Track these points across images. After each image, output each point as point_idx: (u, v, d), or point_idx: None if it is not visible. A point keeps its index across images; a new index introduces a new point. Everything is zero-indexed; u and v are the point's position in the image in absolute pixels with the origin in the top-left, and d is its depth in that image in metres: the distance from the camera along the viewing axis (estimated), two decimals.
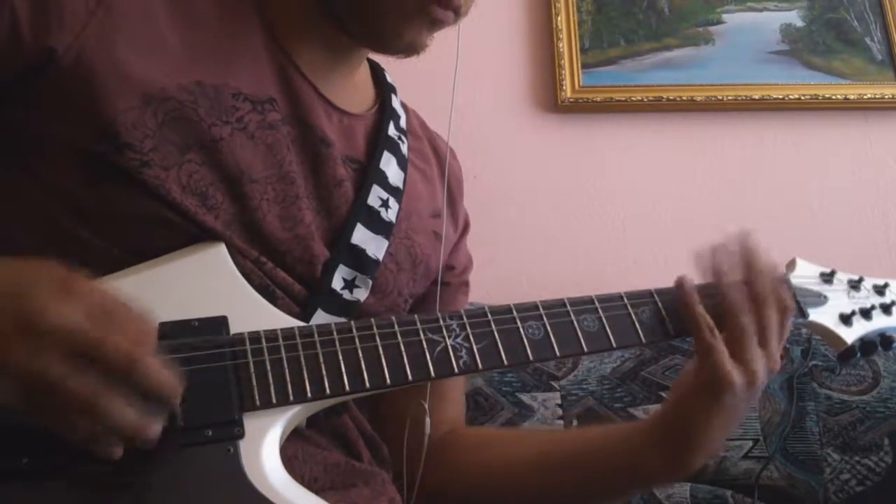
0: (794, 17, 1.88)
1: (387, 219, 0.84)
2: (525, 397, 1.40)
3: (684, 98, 1.78)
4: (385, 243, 0.83)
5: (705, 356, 0.77)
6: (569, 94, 1.75)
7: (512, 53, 1.81)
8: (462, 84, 1.70)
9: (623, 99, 1.77)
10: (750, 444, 1.39)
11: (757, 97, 1.78)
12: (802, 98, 1.79)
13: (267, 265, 0.74)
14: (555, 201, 1.73)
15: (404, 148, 0.91)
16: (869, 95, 1.80)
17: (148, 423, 0.56)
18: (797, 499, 1.36)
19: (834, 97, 1.80)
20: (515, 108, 1.78)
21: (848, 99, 1.80)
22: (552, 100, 1.77)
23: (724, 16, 1.87)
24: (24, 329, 0.53)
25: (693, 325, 0.79)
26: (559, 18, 1.80)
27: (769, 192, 1.77)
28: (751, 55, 1.83)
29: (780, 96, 1.79)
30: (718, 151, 1.79)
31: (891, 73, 1.83)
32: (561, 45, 1.78)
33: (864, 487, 1.35)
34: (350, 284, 0.80)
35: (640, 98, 1.77)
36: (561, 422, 1.39)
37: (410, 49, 0.83)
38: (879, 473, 1.36)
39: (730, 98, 1.78)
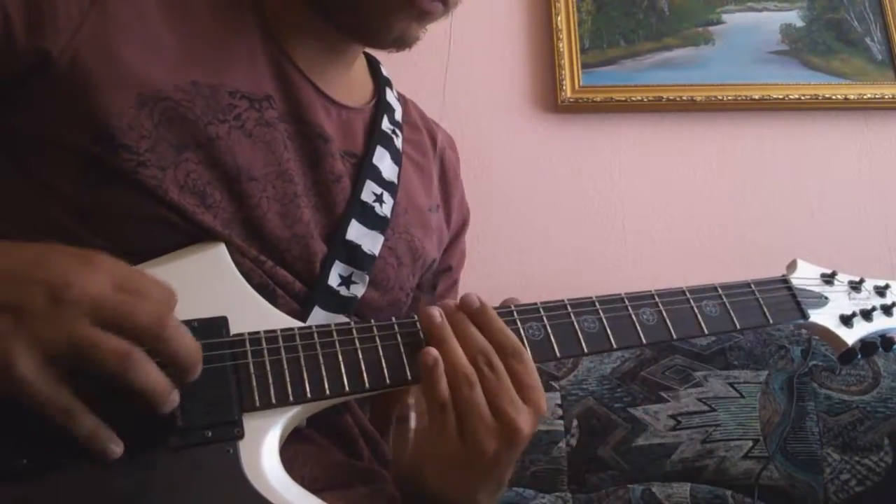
0: (794, 17, 1.88)
1: (381, 214, 0.84)
2: None
3: (684, 98, 1.78)
4: (381, 238, 0.83)
5: (431, 429, 0.69)
6: (569, 94, 1.75)
7: (512, 53, 1.81)
8: (462, 84, 1.71)
9: (623, 99, 1.77)
10: (750, 444, 1.39)
11: (757, 97, 1.78)
12: (802, 98, 1.79)
13: (266, 264, 0.74)
14: (555, 201, 1.73)
15: (398, 142, 0.91)
16: (869, 95, 1.80)
17: (171, 388, 0.57)
18: (797, 499, 1.36)
19: (834, 97, 1.80)
20: (515, 108, 1.78)
21: (848, 99, 1.80)
22: (552, 100, 1.77)
23: (724, 16, 1.87)
24: (52, 300, 0.54)
25: (426, 398, 0.70)
26: (559, 18, 1.80)
27: (769, 192, 1.77)
28: (751, 55, 1.83)
29: (780, 96, 1.79)
30: (718, 151, 1.79)
31: (891, 73, 1.83)
32: (561, 45, 1.78)
33: (864, 487, 1.35)
34: (347, 281, 0.80)
35: (640, 98, 1.77)
36: (561, 422, 1.39)
37: (400, 42, 0.83)
38: (879, 473, 1.36)
39: (730, 98, 1.78)
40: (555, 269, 1.68)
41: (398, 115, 0.94)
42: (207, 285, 0.69)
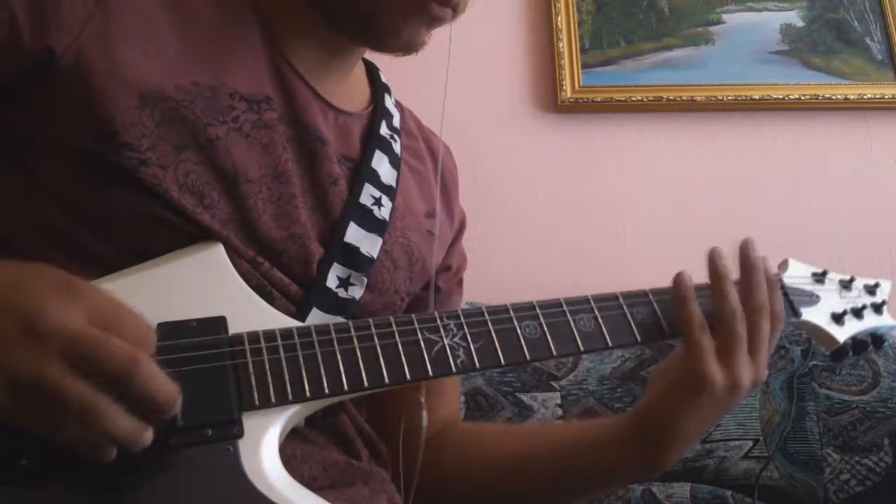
0: (794, 17, 1.88)
1: (380, 217, 0.84)
2: (525, 397, 1.40)
3: (684, 98, 1.78)
4: (379, 241, 0.83)
5: (691, 353, 0.77)
6: (569, 94, 1.75)
7: (512, 53, 1.81)
8: (462, 84, 1.71)
9: (623, 99, 1.77)
10: (750, 444, 1.39)
11: (757, 97, 1.78)
12: (802, 98, 1.79)
13: (263, 265, 0.74)
14: (555, 201, 1.73)
15: (397, 147, 0.91)
16: (869, 95, 1.80)
17: (141, 431, 0.56)
18: (797, 499, 1.36)
19: (834, 97, 1.80)
20: (515, 108, 1.78)
21: (848, 99, 1.80)
22: (552, 100, 1.77)
23: (724, 16, 1.87)
24: (24, 330, 0.52)
25: (684, 321, 0.79)
26: (559, 18, 1.80)
27: (769, 192, 1.77)
28: (751, 55, 1.83)
29: (780, 96, 1.79)
30: (718, 151, 1.79)
31: (891, 73, 1.84)
32: (561, 45, 1.78)
33: (864, 487, 1.36)
34: (345, 283, 0.80)
35: (640, 98, 1.77)
36: (561, 422, 1.39)
37: (409, 47, 0.83)
38: (879, 473, 1.36)
39: (730, 98, 1.78)
40: (555, 269, 1.68)
41: (396, 122, 0.94)
42: (205, 285, 0.69)
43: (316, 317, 0.77)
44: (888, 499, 1.34)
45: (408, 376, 0.70)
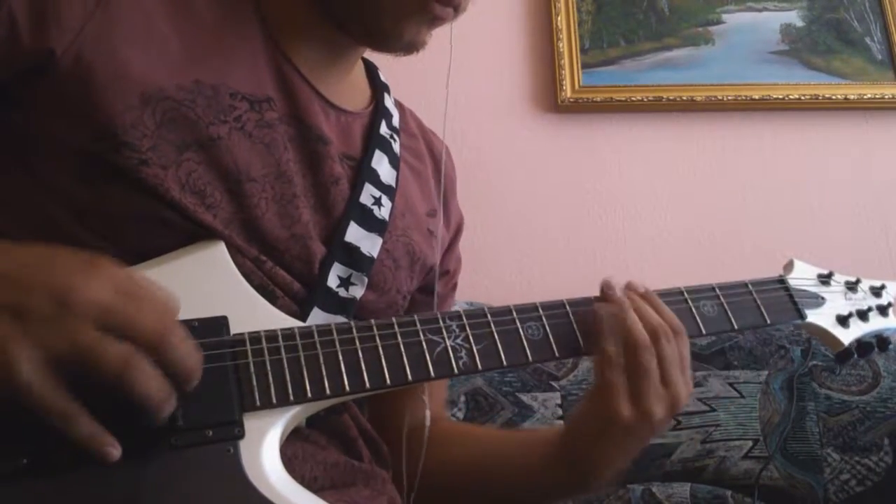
0: (794, 17, 1.88)
1: (380, 216, 0.84)
2: (525, 397, 1.40)
3: (684, 98, 1.78)
4: (379, 241, 0.84)
5: (602, 391, 0.77)
6: (569, 94, 1.75)
7: (512, 53, 1.81)
8: (462, 84, 1.71)
9: (623, 99, 1.77)
10: (750, 444, 1.39)
11: (757, 97, 1.78)
12: (802, 98, 1.79)
13: (266, 264, 0.75)
14: (554, 201, 1.73)
15: (396, 146, 0.91)
16: (869, 95, 1.80)
17: (171, 394, 0.57)
18: (797, 499, 1.36)
19: (834, 97, 1.80)
20: (515, 108, 1.78)
21: (848, 99, 1.80)
22: (552, 100, 1.77)
23: (724, 16, 1.87)
24: (56, 305, 0.54)
25: (596, 360, 0.78)
26: (559, 18, 1.80)
27: (769, 192, 1.77)
28: (751, 55, 1.83)
29: (780, 96, 1.79)
30: (718, 151, 1.79)
31: (891, 73, 1.84)
32: (561, 45, 1.78)
33: (864, 487, 1.35)
34: (345, 282, 0.80)
35: (640, 98, 1.77)
36: (561, 422, 1.39)
37: (410, 47, 0.83)
38: (879, 473, 1.36)
39: (730, 98, 1.78)
40: (554, 268, 1.68)
41: (395, 121, 0.94)
42: (207, 285, 0.69)
43: (317, 316, 0.77)
44: (888, 499, 1.34)
45: (409, 377, 0.70)
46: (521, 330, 0.75)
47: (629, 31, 1.83)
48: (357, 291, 0.81)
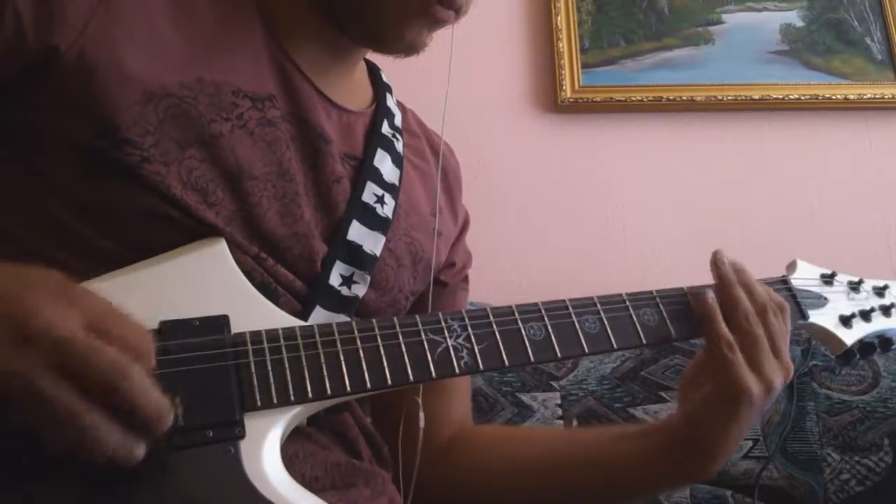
0: (794, 17, 1.88)
1: (383, 215, 0.84)
2: (525, 397, 1.40)
3: (684, 98, 1.78)
4: (382, 239, 0.83)
5: (726, 369, 0.78)
6: (569, 94, 1.75)
7: (512, 53, 1.81)
8: (462, 84, 1.71)
9: (623, 99, 1.77)
10: (750, 444, 1.39)
11: (757, 97, 1.78)
12: (802, 98, 1.79)
13: (268, 262, 0.74)
14: (555, 201, 1.73)
15: (399, 146, 0.91)
16: (869, 95, 1.80)
17: (130, 446, 0.54)
18: (797, 499, 1.36)
19: (834, 97, 1.80)
20: (515, 108, 1.78)
21: (848, 99, 1.80)
22: (552, 100, 1.77)
23: (724, 16, 1.87)
24: (14, 335, 0.51)
25: (713, 341, 0.80)
26: (559, 18, 1.80)
27: (769, 192, 1.77)
28: (751, 55, 1.83)
29: (780, 96, 1.79)
30: (718, 151, 1.79)
31: (891, 73, 1.84)
32: (561, 45, 1.78)
33: (864, 487, 1.35)
34: (348, 281, 0.80)
35: (640, 98, 1.77)
36: (561, 422, 1.39)
37: (411, 49, 0.84)
38: (879, 473, 1.36)
39: (730, 98, 1.78)
40: (555, 269, 1.68)
41: (398, 121, 0.94)
42: (209, 282, 0.69)
43: (319, 315, 0.77)
44: (888, 499, 1.34)
45: (411, 377, 0.70)
46: (523, 330, 0.75)
47: (629, 31, 1.83)
48: (359, 290, 0.81)
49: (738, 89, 1.79)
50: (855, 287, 0.94)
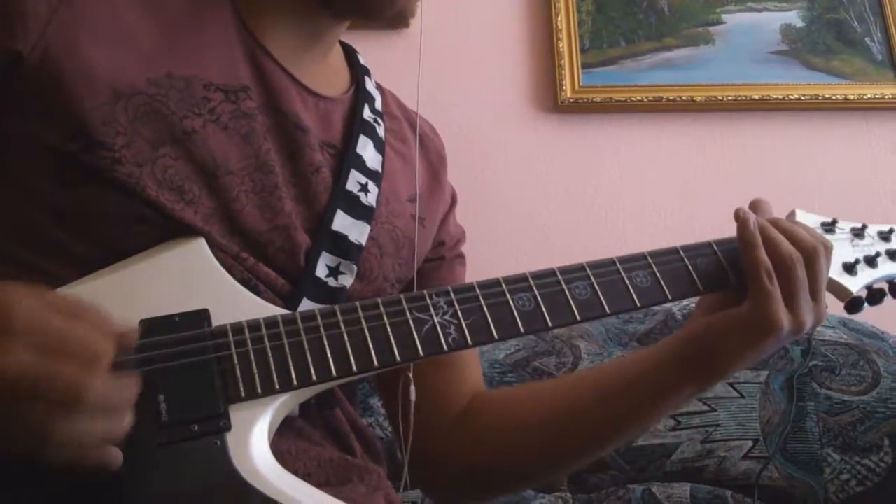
0: (794, 18, 1.88)
1: (367, 203, 0.83)
2: None
3: (684, 98, 1.78)
4: (367, 228, 0.82)
5: (761, 300, 0.77)
6: (569, 94, 1.75)
7: (512, 53, 1.81)
8: (462, 84, 1.71)
9: (623, 99, 1.77)
10: (750, 444, 1.39)
11: (757, 97, 1.78)
12: (802, 98, 1.79)
13: (248, 261, 0.73)
14: (555, 201, 1.73)
15: (381, 130, 0.90)
16: (869, 95, 1.80)
17: (105, 456, 0.56)
18: (797, 499, 1.36)
19: (834, 97, 1.80)
20: (515, 108, 1.78)
21: (848, 99, 1.80)
22: (552, 100, 1.77)
23: (724, 16, 1.87)
24: None
25: (752, 267, 0.79)
26: (559, 18, 1.80)
27: (769, 192, 1.75)
28: (751, 55, 1.83)
29: (780, 96, 1.79)
30: (718, 151, 1.79)
31: (891, 73, 1.84)
32: (561, 45, 1.78)
33: (864, 487, 1.35)
34: (334, 271, 0.79)
35: (640, 98, 1.77)
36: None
37: (400, 17, 0.83)
38: (879, 473, 1.35)
39: (730, 98, 1.78)
40: None
41: (378, 104, 0.93)
42: (188, 279, 0.68)
43: (307, 307, 0.75)
44: (888, 499, 1.33)
45: (398, 358, 0.68)
46: (511, 302, 0.73)
47: (629, 31, 1.83)
48: (346, 280, 0.80)
49: (738, 89, 1.79)
50: (858, 233, 0.90)
